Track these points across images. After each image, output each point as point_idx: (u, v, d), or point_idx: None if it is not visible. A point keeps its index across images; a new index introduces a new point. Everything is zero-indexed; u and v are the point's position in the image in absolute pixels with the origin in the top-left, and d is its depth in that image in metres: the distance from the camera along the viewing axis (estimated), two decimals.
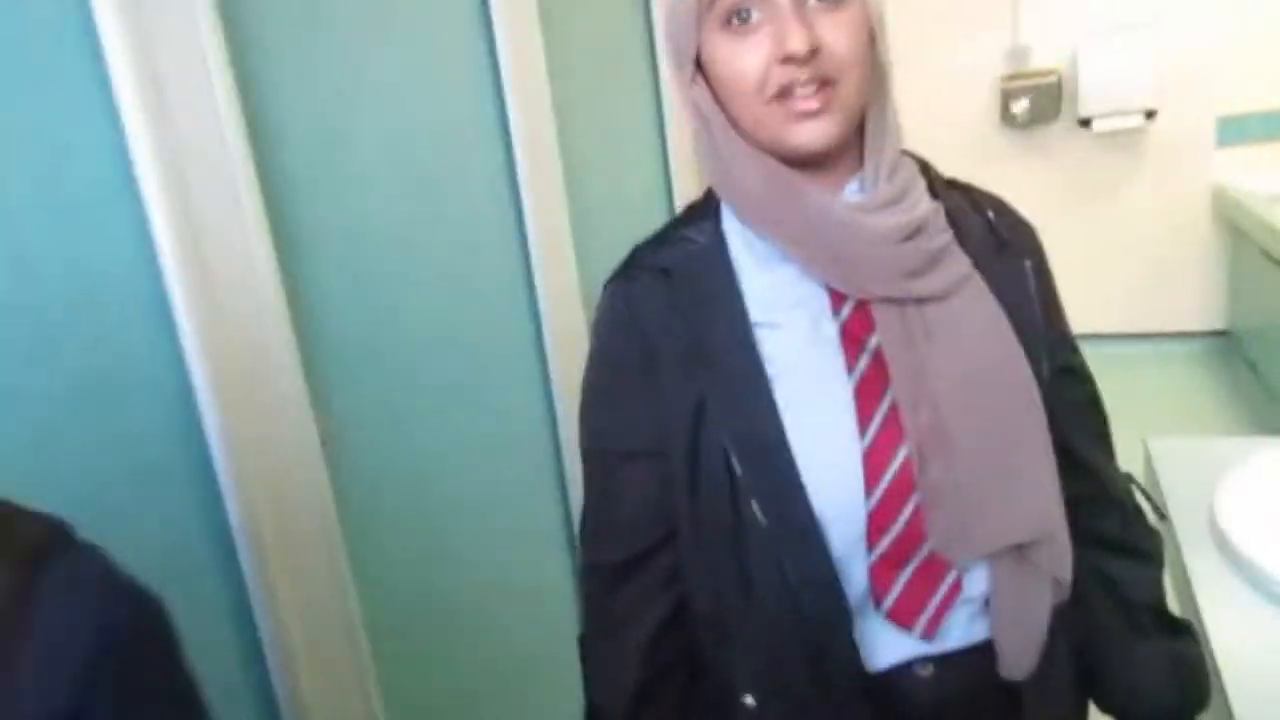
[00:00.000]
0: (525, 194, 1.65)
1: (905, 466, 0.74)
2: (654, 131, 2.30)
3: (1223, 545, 1.17)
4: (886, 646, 0.79)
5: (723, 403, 0.76)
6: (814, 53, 0.69)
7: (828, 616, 0.75)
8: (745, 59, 0.71)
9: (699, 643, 0.84)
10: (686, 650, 0.84)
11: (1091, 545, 0.85)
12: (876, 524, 0.74)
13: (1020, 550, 0.75)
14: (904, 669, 0.79)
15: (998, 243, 0.82)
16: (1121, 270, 4.37)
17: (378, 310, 1.37)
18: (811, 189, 0.75)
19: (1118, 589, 0.87)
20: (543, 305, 1.70)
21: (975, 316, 0.76)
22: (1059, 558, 0.77)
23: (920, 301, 0.75)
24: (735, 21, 0.71)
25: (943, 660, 0.79)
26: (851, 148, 0.78)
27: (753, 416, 0.75)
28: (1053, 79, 4.16)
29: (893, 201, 0.76)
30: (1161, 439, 1.48)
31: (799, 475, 0.74)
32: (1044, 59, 4.22)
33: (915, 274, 0.75)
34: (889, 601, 0.76)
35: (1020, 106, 4.19)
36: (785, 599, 0.75)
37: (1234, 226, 4.00)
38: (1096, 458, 0.88)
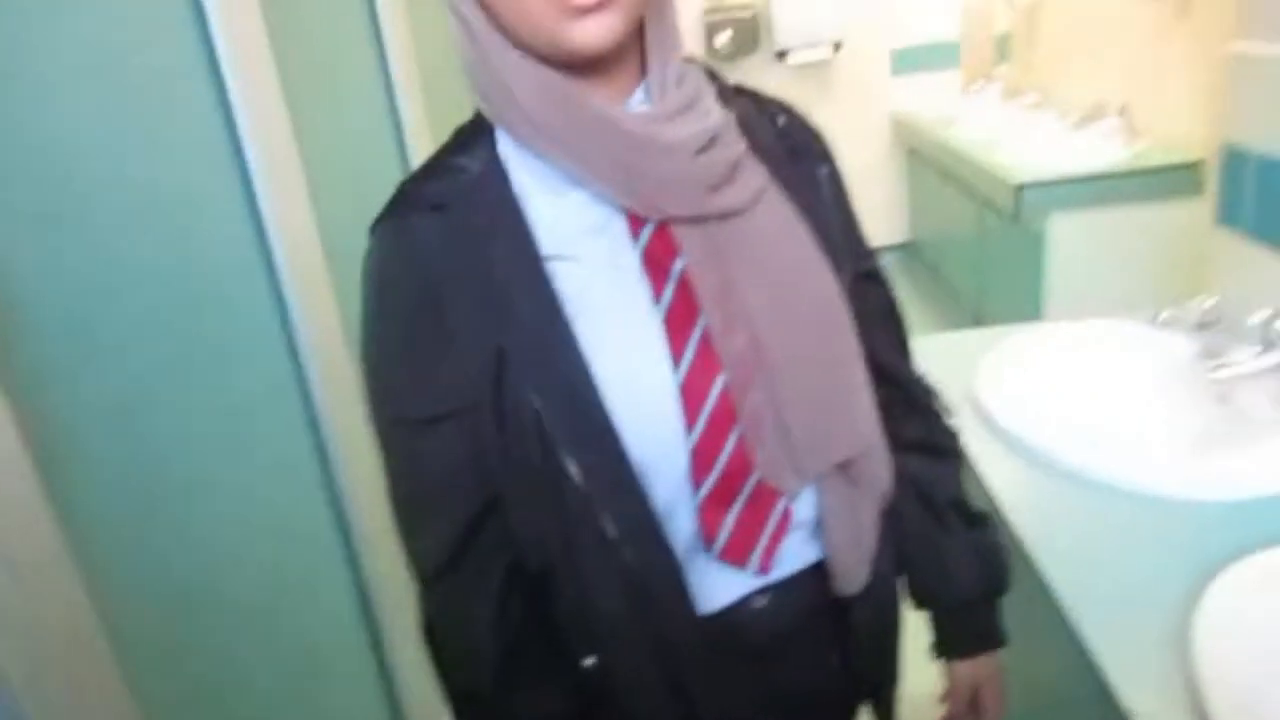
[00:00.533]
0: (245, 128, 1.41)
1: (724, 396, 0.69)
2: (374, 53, 2.09)
3: (988, 423, 1.28)
4: (720, 587, 0.76)
5: (522, 351, 0.67)
6: None
7: (654, 570, 0.70)
8: None
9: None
10: (540, 615, 0.75)
11: (899, 450, 0.84)
12: (700, 462, 0.69)
13: (845, 467, 0.74)
14: (739, 605, 0.77)
15: (790, 149, 0.77)
16: None
17: (82, 273, 1.11)
18: (595, 99, 0.66)
19: (923, 489, 0.88)
20: (278, 256, 1.48)
21: (778, 229, 0.72)
22: (881, 469, 0.78)
23: (724, 218, 0.69)
24: None
25: (777, 588, 0.78)
26: (633, 54, 0.69)
27: (556, 364, 0.67)
28: (749, 13, 4.36)
29: (684, 109, 0.68)
30: (916, 338, 1.59)
31: (612, 422, 0.67)
32: None
33: (715, 188, 0.68)
34: (720, 542, 0.72)
35: (723, 39, 4.36)
36: (609, 557, 0.69)
37: (910, 148, 4.47)
38: (899, 363, 0.88)
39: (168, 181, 1.32)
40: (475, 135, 0.72)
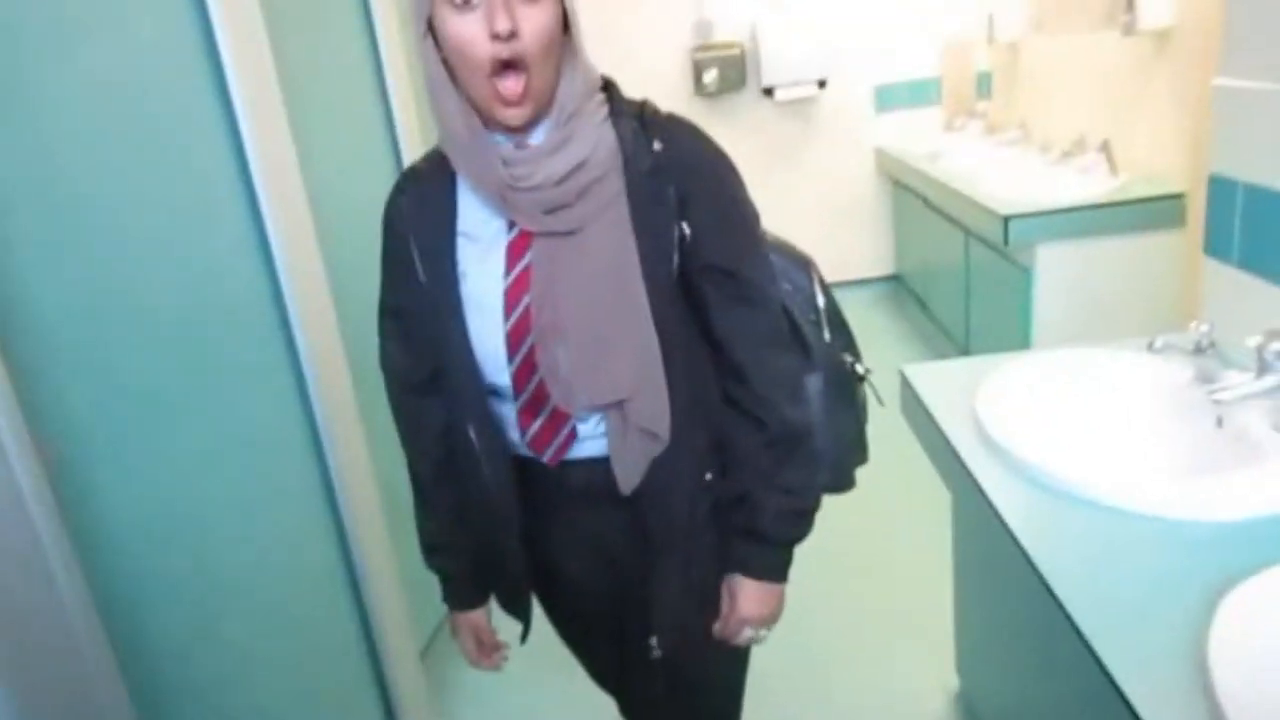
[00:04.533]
0: (254, 160, 1.43)
1: (532, 349, 1.02)
2: (378, 101, 2.12)
3: (992, 447, 1.30)
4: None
5: (434, 294, 1.04)
6: (513, 34, 0.89)
7: (493, 440, 1.10)
8: (464, 30, 0.90)
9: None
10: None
11: (737, 449, 1.11)
12: (517, 385, 1.05)
13: (619, 406, 1.03)
14: (575, 463, 1.10)
15: (654, 168, 1.01)
16: (804, 226, 4.78)
17: (99, 302, 1.12)
18: (504, 132, 0.98)
19: (743, 501, 1.11)
20: (285, 283, 1.49)
21: (605, 241, 1.00)
22: (647, 415, 1.04)
23: (563, 233, 0.99)
24: (459, 1, 0.90)
25: (589, 462, 1.09)
26: (547, 101, 0.98)
27: (447, 309, 1.04)
28: (736, 51, 4.44)
29: (559, 146, 0.98)
30: (913, 365, 1.62)
31: (472, 350, 1.04)
32: (727, 32, 4.50)
33: (556, 209, 0.98)
34: (529, 437, 1.08)
35: (710, 77, 4.43)
36: (468, 438, 1.09)
37: (895, 182, 4.55)
38: (747, 363, 1.08)
39: (179, 204, 1.33)
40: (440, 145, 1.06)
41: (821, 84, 4.44)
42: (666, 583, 1.12)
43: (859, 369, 1.28)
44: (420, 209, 1.06)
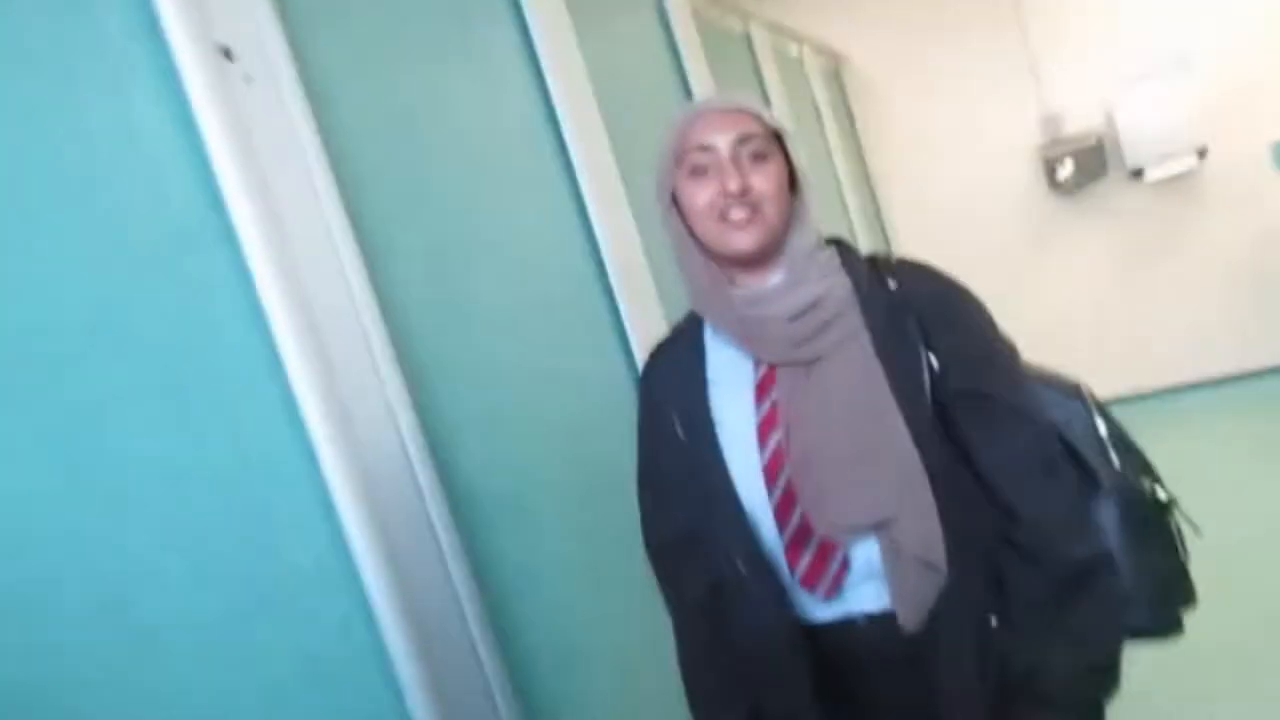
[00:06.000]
0: (601, 238, 1.60)
1: (790, 481, 1.04)
2: None
3: None
4: (817, 610, 1.09)
5: (691, 450, 1.10)
6: (744, 191, 1.02)
7: (765, 586, 1.07)
8: (702, 195, 1.04)
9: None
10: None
11: (1017, 594, 1.03)
12: (780, 519, 1.05)
13: (886, 529, 1.01)
14: (842, 624, 1.08)
15: (890, 304, 1.05)
16: (1201, 315, 4.21)
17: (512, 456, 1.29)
18: (744, 282, 1.08)
19: (1026, 656, 1.02)
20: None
21: (851, 369, 1.03)
22: (918, 539, 1.00)
23: (808, 364, 1.04)
24: (697, 171, 1.04)
25: (872, 618, 1.06)
26: (778, 251, 1.07)
27: (709, 459, 1.08)
28: (1092, 140, 4.15)
29: (792, 286, 1.05)
30: None
31: (736, 494, 1.07)
32: (1079, 122, 4.23)
33: (801, 343, 1.04)
34: (799, 573, 1.06)
35: (1065, 171, 4.17)
36: (741, 582, 1.07)
37: None
38: (1015, 493, 1.03)
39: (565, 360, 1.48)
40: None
41: (1201, 153, 3.97)
42: None
43: (1161, 495, 1.14)
44: (672, 371, 1.15)
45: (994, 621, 1.03)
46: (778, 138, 1.07)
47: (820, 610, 1.08)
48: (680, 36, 2.29)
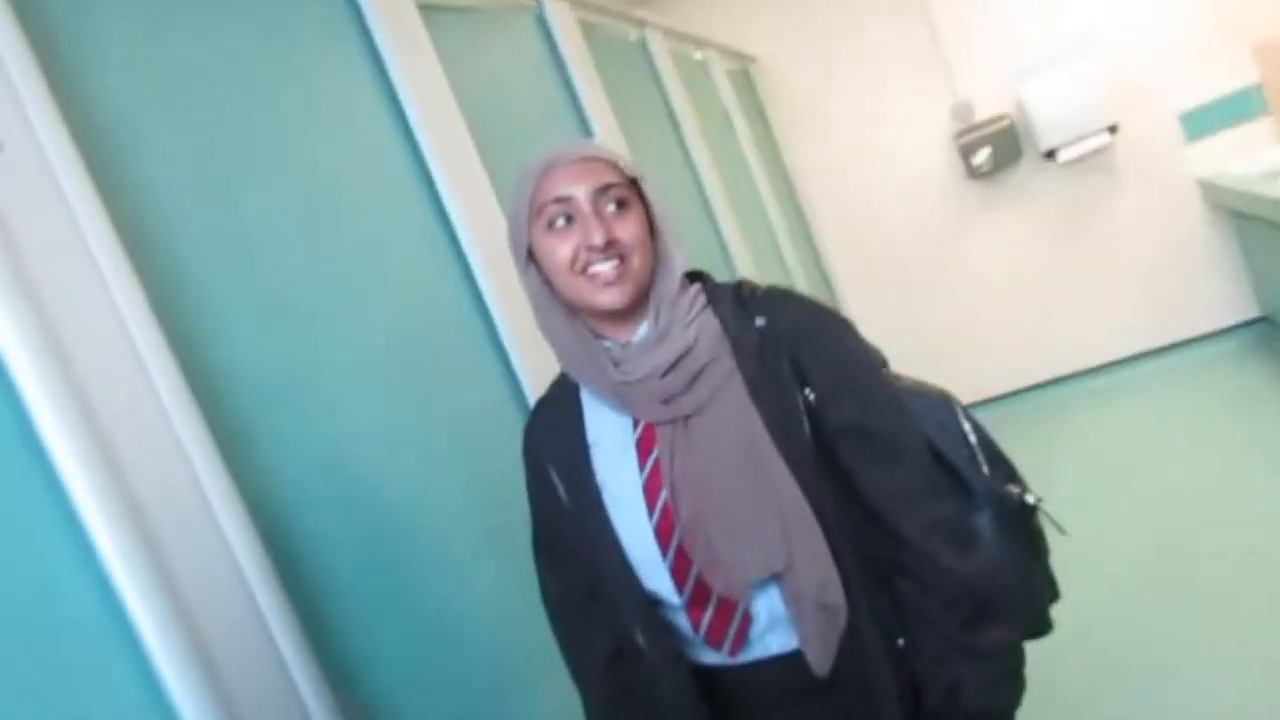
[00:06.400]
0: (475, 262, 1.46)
1: (682, 541, 1.01)
2: None
3: None
4: (720, 658, 1.06)
5: (577, 512, 1.07)
6: (610, 244, 0.98)
7: (665, 651, 1.06)
8: (563, 250, 0.99)
9: None
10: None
11: (919, 619, 1.03)
12: (677, 580, 1.02)
13: (781, 579, 0.99)
14: (754, 666, 1.06)
15: (760, 343, 1.03)
16: (1127, 288, 4.22)
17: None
18: (610, 335, 1.05)
19: (938, 678, 1.02)
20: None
21: (727, 419, 1.01)
22: (816, 585, 0.99)
23: (683, 419, 1.01)
24: (556, 225, 1.00)
25: (780, 659, 1.05)
26: (644, 300, 1.04)
27: (596, 523, 1.05)
28: (1005, 123, 4.13)
29: (660, 339, 1.02)
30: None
31: (627, 557, 1.04)
32: (991, 107, 4.21)
33: (672, 398, 1.01)
34: (702, 631, 1.04)
35: (981, 156, 4.14)
36: (640, 652, 1.06)
37: (1234, 213, 3.88)
38: (902, 521, 1.01)
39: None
40: None
41: (1113, 129, 3.97)
42: None
43: (1029, 499, 1.15)
44: (552, 432, 1.11)
45: (900, 643, 1.03)
46: (634, 183, 1.03)
47: (728, 660, 1.05)
48: (566, 50, 2.16)
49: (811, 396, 1.01)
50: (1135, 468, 3.38)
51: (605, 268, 0.98)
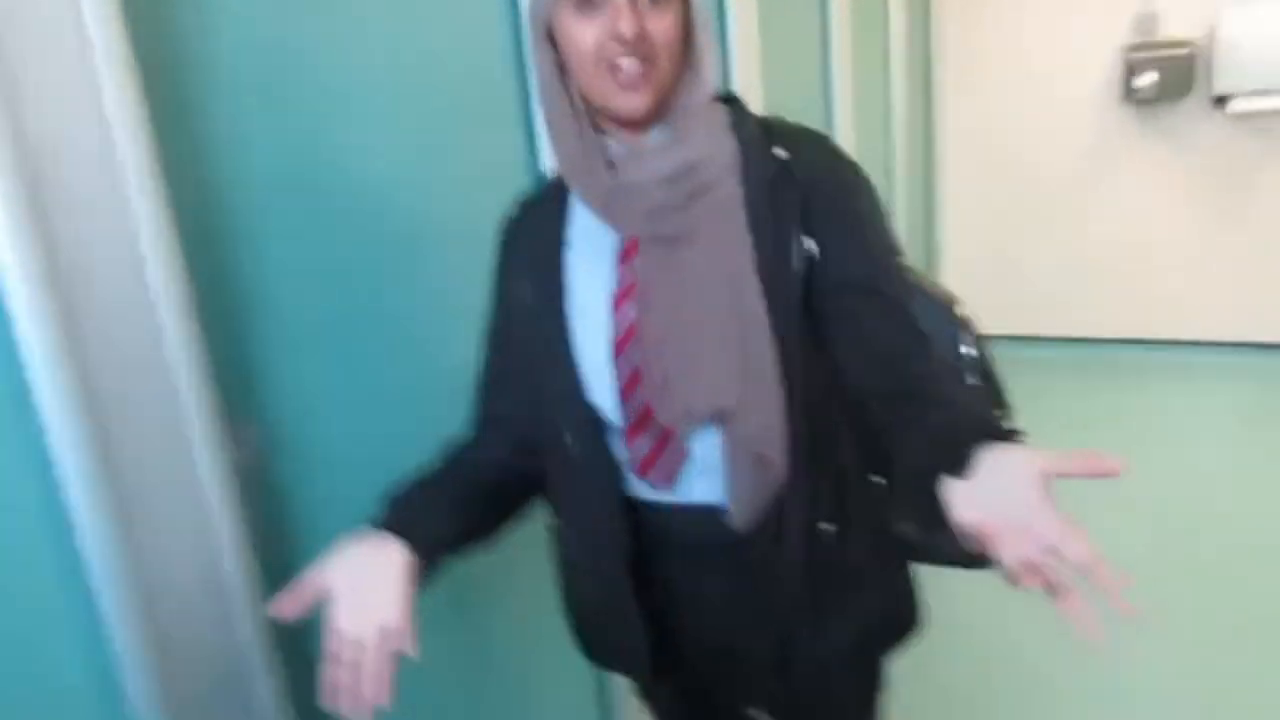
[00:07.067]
0: None
1: (638, 362, 0.96)
2: None
3: None
4: (644, 490, 1.03)
5: (537, 312, 1.02)
6: (640, 39, 0.88)
7: (598, 461, 1.02)
8: (587, 35, 0.88)
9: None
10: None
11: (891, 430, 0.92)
12: (623, 399, 0.97)
13: (722, 423, 0.95)
14: (675, 510, 1.02)
15: (775, 175, 0.96)
16: (1255, 270, 3.86)
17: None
18: (618, 133, 0.96)
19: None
20: None
21: (719, 247, 0.94)
22: (757, 434, 0.94)
23: (675, 238, 0.94)
24: (583, 5, 0.88)
25: (703, 509, 1.00)
26: (665, 110, 0.95)
27: (553, 326, 1.00)
28: (1185, 51, 3.67)
29: (672, 144, 0.94)
30: None
31: (575, 364, 0.99)
32: (1177, 27, 3.73)
33: (670, 213, 0.93)
34: (636, 458, 1.00)
35: (1146, 80, 3.71)
36: (568, 455, 1.03)
37: None
38: (891, 357, 0.94)
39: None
40: None
41: None
42: (768, 641, 1.01)
43: (1008, 429, 1.00)
44: (531, 229, 1.06)
45: (823, 526, 0.99)
46: None
47: (651, 495, 1.03)
48: None
49: (814, 248, 0.95)
50: (1175, 458, 3.20)
51: (631, 67, 0.88)
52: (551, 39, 0.93)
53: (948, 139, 4.33)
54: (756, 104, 1.76)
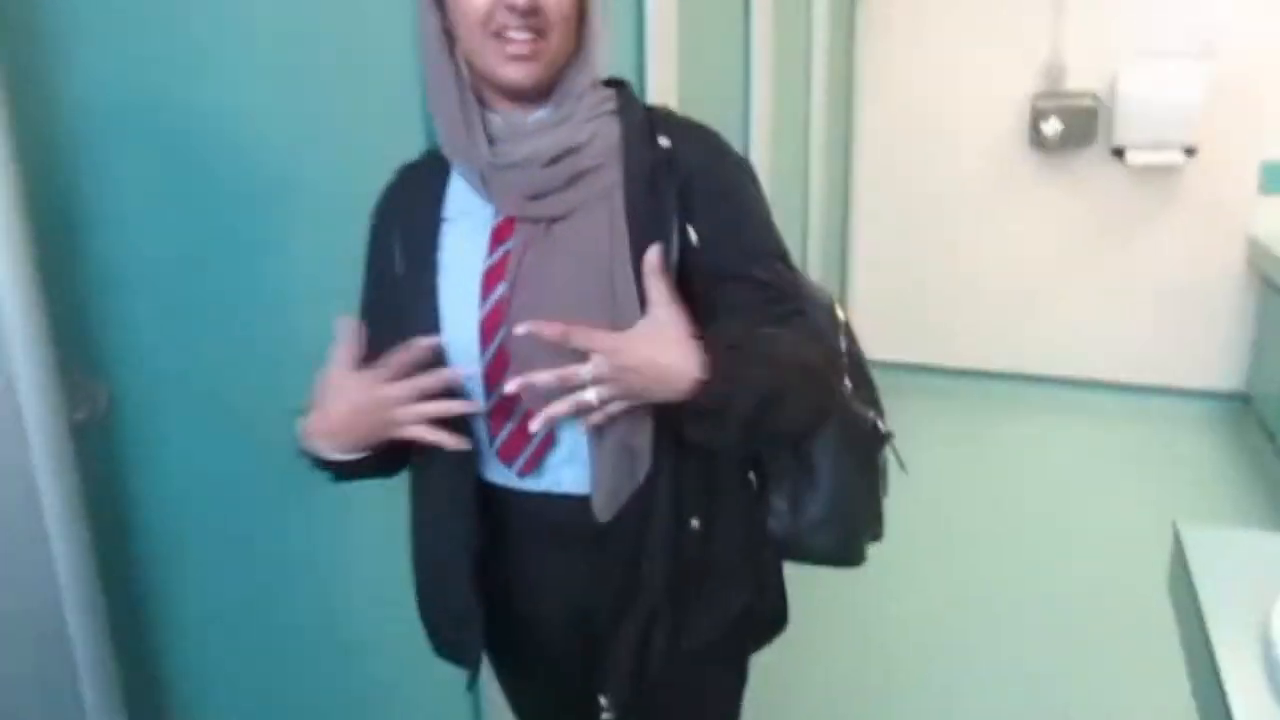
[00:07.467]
0: None
1: (505, 343, 0.93)
2: None
3: (1275, 671, 0.85)
4: (505, 476, 1.00)
5: (407, 285, 0.99)
6: (532, 10, 0.86)
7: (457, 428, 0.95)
8: (478, 1, 0.86)
9: None
10: None
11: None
12: (489, 382, 0.95)
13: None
14: (534, 497, 1.00)
15: (655, 163, 0.95)
16: (1142, 316, 4.05)
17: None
18: (501, 105, 0.95)
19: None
20: None
21: (594, 231, 0.93)
22: (622, 424, 0.91)
23: (551, 220, 0.93)
24: None
25: (566, 498, 0.98)
26: (550, 87, 0.94)
27: (422, 298, 0.97)
28: (1087, 101, 3.84)
29: (555, 124, 0.93)
30: (1195, 528, 1.14)
31: (443, 339, 0.96)
32: (1081, 80, 3.90)
33: (544, 195, 0.93)
34: (498, 442, 0.97)
35: (1052, 128, 3.87)
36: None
37: (1268, 283, 3.68)
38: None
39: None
40: None
41: (1190, 151, 3.70)
42: (626, 634, 0.98)
43: (880, 426, 1.11)
44: (408, 197, 1.03)
45: (694, 524, 0.98)
46: None
47: (513, 481, 1.00)
48: None
49: (694, 237, 0.94)
50: (1037, 490, 3.40)
51: (521, 38, 0.87)
52: (440, 1, 0.91)
53: (863, 171, 4.43)
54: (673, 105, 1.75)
